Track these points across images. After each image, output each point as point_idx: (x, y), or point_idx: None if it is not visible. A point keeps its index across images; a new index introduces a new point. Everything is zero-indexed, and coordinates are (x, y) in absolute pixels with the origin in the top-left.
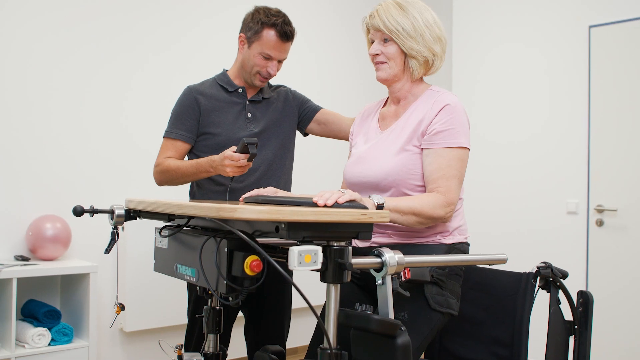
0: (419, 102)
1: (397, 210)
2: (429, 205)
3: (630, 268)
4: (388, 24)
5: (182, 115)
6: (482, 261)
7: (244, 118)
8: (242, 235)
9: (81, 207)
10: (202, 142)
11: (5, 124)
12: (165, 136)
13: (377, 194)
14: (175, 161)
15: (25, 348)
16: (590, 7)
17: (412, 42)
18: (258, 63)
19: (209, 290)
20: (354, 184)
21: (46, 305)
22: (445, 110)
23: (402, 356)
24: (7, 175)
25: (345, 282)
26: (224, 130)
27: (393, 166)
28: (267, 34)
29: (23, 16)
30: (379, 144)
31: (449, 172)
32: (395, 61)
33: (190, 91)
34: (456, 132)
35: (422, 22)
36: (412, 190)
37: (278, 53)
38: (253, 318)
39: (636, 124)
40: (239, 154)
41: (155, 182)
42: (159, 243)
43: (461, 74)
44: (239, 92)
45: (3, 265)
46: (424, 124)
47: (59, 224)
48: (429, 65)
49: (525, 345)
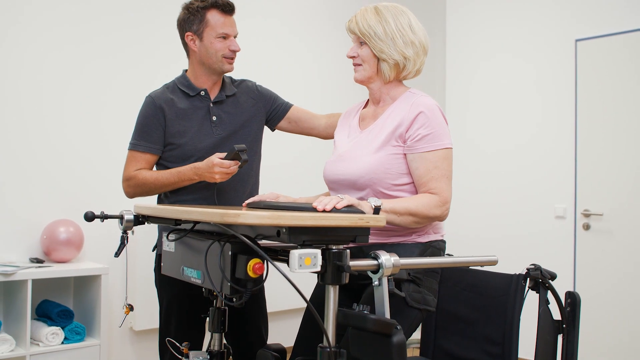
0: (397, 104)
1: (393, 212)
2: (424, 206)
3: (615, 269)
4: (361, 28)
5: (148, 127)
6: (474, 262)
7: (209, 123)
8: (245, 240)
9: (92, 212)
10: (168, 152)
11: (21, 135)
12: (132, 149)
13: (355, 192)
14: (151, 172)
15: (39, 346)
16: (577, 21)
17: (383, 45)
18: (219, 47)
19: (214, 291)
20: (332, 182)
21: (60, 305)
22: (421, 116)
23: (397, 354)
24: (23, 181)
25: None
26: (190, 139)
27: (369, 165)
28: (212, 16)
29: (40, 27)
30: (357, 143)
31: (438, 173)
32: (369, 63)
33: (153, 100)
34: (437, 135)
35: (395, 26)
36: (389, 190)
37: (230, 28)
38: (231, 324)
39: (620, 132)
40: (229, 161)
41: (126, 195)
42: (167, 247)
43: (454, 85)
44: (202, 95)
45: (19, 267)
46: (402, 128)
47: (72, 228)
48: (400, 69)
49: (516, 343)
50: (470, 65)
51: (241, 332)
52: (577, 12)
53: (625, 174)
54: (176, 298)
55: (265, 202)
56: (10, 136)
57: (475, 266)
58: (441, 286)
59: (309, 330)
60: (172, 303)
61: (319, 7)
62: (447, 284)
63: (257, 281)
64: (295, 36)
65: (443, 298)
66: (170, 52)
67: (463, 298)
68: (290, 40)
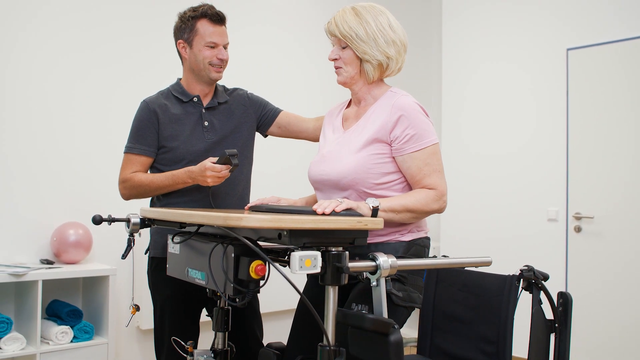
0: (378, 104)
1: (391, 210)
2: (420, 202)
3: (605, 270)
4: (342, 30)
5: (142, 130)
6: (469, 264)
7: (201, 128)
8: (247, 242)
9: (100, 216)
10: (161, 155)
11: (31, 141)
12: (128, 152)
13: (338, 191)
14: (146, 175)
15: (49, 345)
16: (569, 30)
17: (365, 46)
18: (206, 55)
19: (218, 292)
20: (316, 182)
21: (69, 305)
22: (403, 119)
23: (394, 352)
24: (33, 186)
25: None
26: (182, 143)
27: (352, 165)
28: (201, 25)
29: (49, 32)
30: (340, 144)
31: (429, 169)
32: (352, 65)
33: (147, 105)
34: (422, 134)
35: (376, 27)
36: (371, 189)
37: (219, 37)
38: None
39: (610, 138)
40: (221, 165)
41: (122, 197)
42: (172, 249)
43: (450, 91)
44: (194, 102)
45: (29, 268)
46: (385, 130)
47: (81, 230)
48: (383, 68)
49: (510, 342)
50: (466, 71)
51: (235, 333)
52: (568, 22)
53: (615, 179)
54: (169, 299)
55: (267, 206)
56: (21, 142)
57: (470, 267)
58: (437, 286)
59: (301, 329)
60: (165, 304)
61: (317, 14)
62: (443, 284)
63: (258, 282)
64: (295, 42)
65: (439, 298)
66: (177, 59)
67: (459, 298)
68: (289, 45)
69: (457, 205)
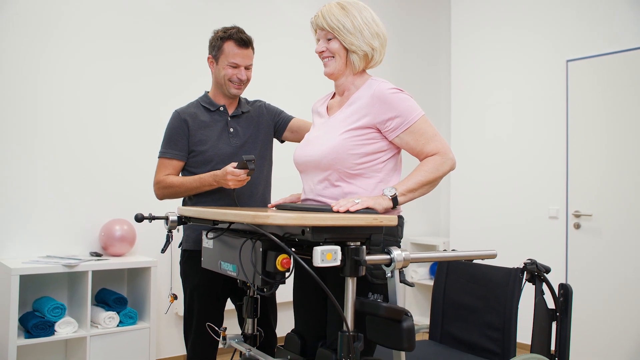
0: (360, 91)
1: (409, 191)
2: (431, 171)
3: (603, 264)
4: (330, 23)
5: (174, 137)
6: (475, 256)
7: (227, 133)
8: (274, 238)
9: (141, 214)
10: (192, 159)
11: (84, 147)
12: (161, 156)
13: (319, 172)
14: (177, 177)
15: (98, 328)
16: (569, 41)
17: (352, 38)
18: (227, 73)
19: (247, 282)
20: (300, 164)
21: (115, 293)
22: (384, 105)
23: (407, 338)
24: (84, 187)
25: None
26: (210, 146)
27: (332, 147)
28: (227, 46)
29: (80, 40)
30: (324, 129)
31: (425, 138)
32: (340, 55)
33: (179, 114)
34: (406, 112)
35: (361, 20)
36: (351, 169)
37: (241, 59)
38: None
39: (607, 143)
40: (239, 169)
41: (157, 197)
42: (206, 243)
43: (457, 97)
44: (221, 110)
45: (80, 260)
46: (369, 117)
47: (125, 226)
48: (368, 59)
49: (515, 329)
50: (473, 77)
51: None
52: (568, 33)
53: (612, 180)
54: (198, 287)
55: (290, 205)
56: (75, 149)
57: (476, 259)
58: (447, 278)
59: (303, 314)
60: (194, 292)
61: None
62: (453, 276)
63: (284, 274)
64: (310, 50)
65: (449, 288)
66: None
67: (467, 289)
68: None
69: (465, 204)
